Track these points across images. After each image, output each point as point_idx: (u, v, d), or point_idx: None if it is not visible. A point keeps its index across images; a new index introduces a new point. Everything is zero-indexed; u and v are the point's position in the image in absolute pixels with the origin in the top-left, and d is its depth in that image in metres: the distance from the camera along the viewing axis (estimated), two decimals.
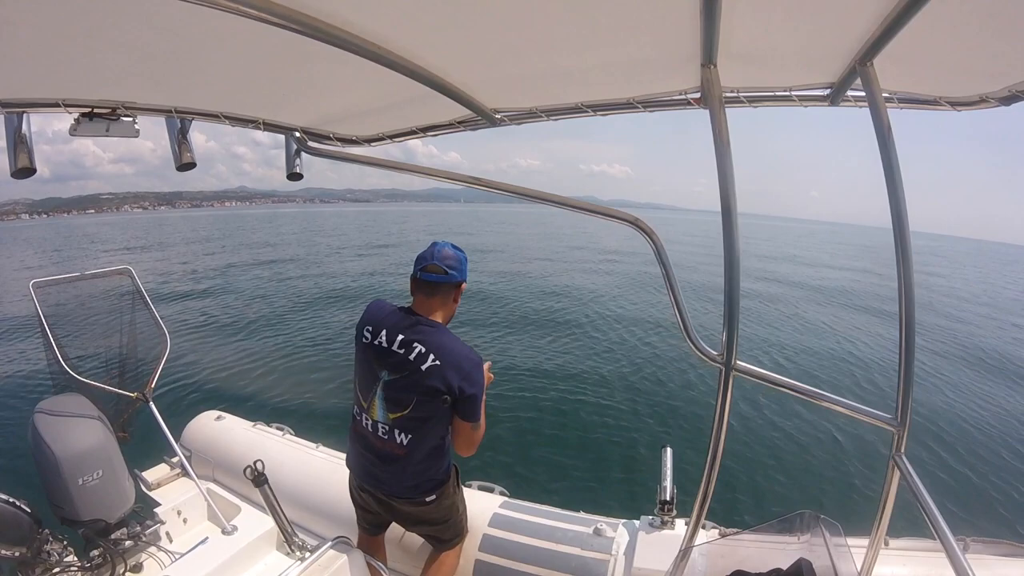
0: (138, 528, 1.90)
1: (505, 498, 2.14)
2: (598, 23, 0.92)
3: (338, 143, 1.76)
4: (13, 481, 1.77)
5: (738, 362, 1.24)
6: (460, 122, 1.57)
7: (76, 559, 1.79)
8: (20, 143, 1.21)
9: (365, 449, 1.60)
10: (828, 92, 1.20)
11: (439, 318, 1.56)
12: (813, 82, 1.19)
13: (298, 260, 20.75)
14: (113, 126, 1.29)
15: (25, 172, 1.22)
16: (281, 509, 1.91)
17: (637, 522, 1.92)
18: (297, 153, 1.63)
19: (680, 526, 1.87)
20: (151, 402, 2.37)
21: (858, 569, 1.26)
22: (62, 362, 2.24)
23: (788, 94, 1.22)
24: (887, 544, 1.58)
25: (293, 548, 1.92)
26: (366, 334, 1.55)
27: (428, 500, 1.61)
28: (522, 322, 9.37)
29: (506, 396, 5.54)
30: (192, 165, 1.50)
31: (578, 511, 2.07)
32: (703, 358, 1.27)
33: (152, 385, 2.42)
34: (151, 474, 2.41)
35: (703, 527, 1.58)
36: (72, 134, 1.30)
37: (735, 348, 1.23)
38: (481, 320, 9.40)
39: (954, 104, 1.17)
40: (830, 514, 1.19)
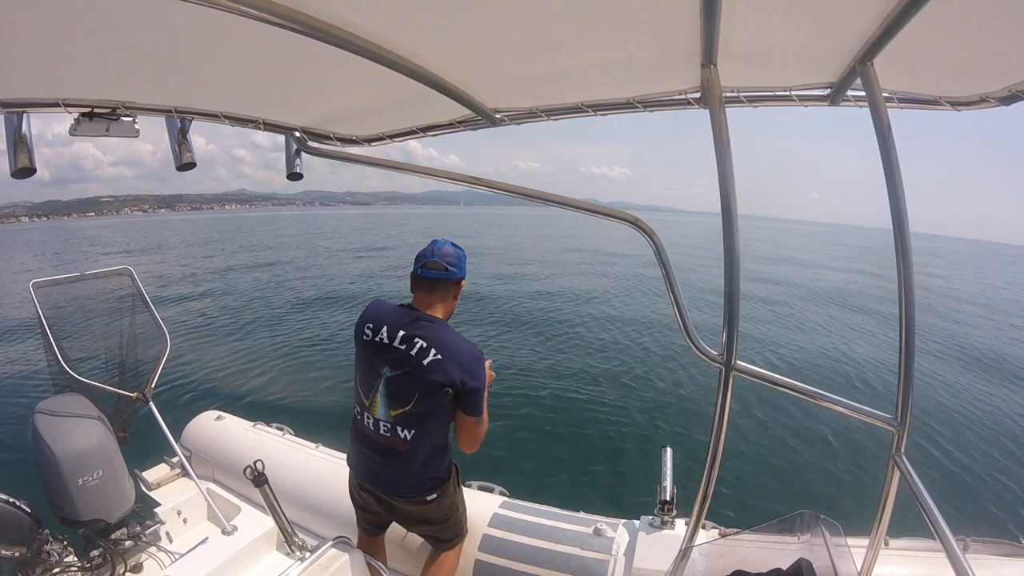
0: (138, 528, 1.90)
1: (505, 498, 2.14)
2: (598, 23, 0.92)
3: (338, 143, 1.76)
4: (13, 481, 1.77)
5: (738, 362, 1.24)
6: (460, 122, 1.57)
7: (76, 559, 1.79)
8: (20, 143, 1.21)
9: (366, 448, 1.59)
10: (828, 92, 1.20)
11: (439, 314, 1.57)
12: (813, 82, 1.19)
13: (298, 262, 20.76)
14: (113, 126, 1.29)
15: (25, 172, 1.22)
16: (281, 509, 1.91)
17: (637, 522, 1.92)
18: (297, 153, 1.63)
19: (680, 526, 1.87)
20: (151, 402, 2.37)
21: (858, 569, 1.26)
22: (62, 362, 2.24)
23: (788, 94, 1.22)
24: (887, 544, 1.58)
25: (293, 548, 1.92)
26: (367, 332, 1.55)
27: (429, 499, 1.61)
28: (522, 323, 9.37)
29: (506, 396, 5.54)
30: (192, 165, 1.50)
31: (578, 511, 2.06)
32: (703, 358, 1.28)
33: (152, 385, 2.42)
34: (151, 474, 2.41)
35: (703, 527, 1.58)
36: (72, 134, 1.30)
37: (735, 348, 1.23)
38: (481, 320, 9.40)
39: (954, 104, 1.17)
40: (830, 514, 1.19)
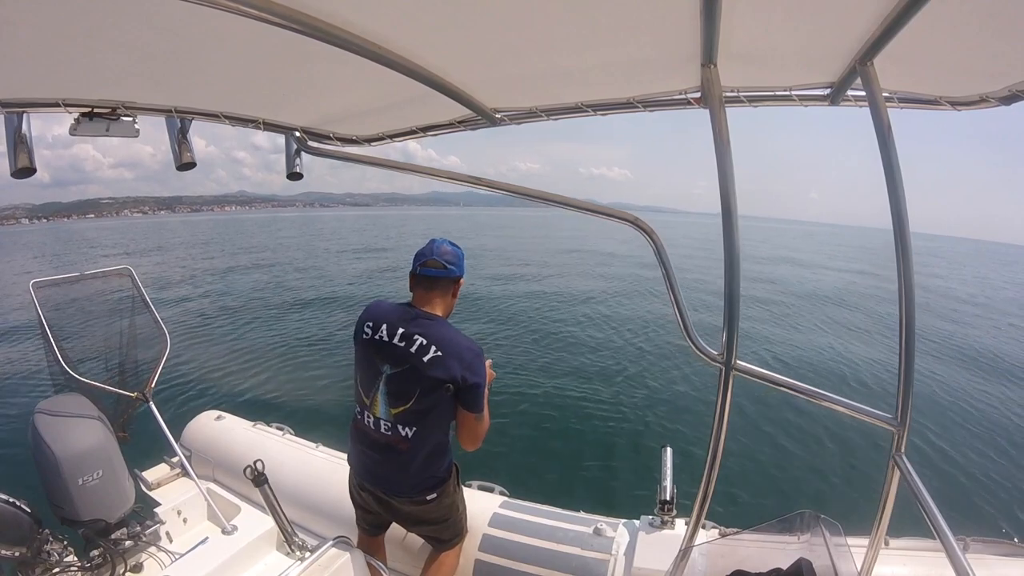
0: (138, 528, 1.90)
1: (505, 498, 2.14)
2: (598, 23, 0.92)
3: (338, 143, 1.76)
4: (13, 481, 1.77)
5: (738, 362, 1.24)
6: (460, 122, 1.57)
7: (76, 559, 1.79)
8: (20, 143, 1.21)
9: (367, 447, 1.59)
10: (828, 92, 1.20)
11: (439, 312, 1.57)
12: (813, 82, 1.19)
13: (297, 263, 20.76)
14: (113, 126, 1.29)
15: (25, 172, 1.22)
16: (281, 509, 1.91)
17: (637, 522, 1.92)
18: (297, 153, 1.63)
19: (680, 526, 1.86)
20: (151, 402, 2.37)
21: (858, 569, 1.26)
22: (62, 362, 2.24)
23: (788, 94, 1.22)
24: (887, 544, 1.57)
25: (293, 548, 1.92)
26: (366, 330, 1.56)
27: (429, 499, 1.61)
28: (521, 323, 9.37)
29: (505, 396, 5.54)
30: (192, 165, 1.50)
31: (578, 511, 2.06)
32: (703, 358, 1.28)
33: (152, 385, 2.41)
34: (151, 474, 2.41)
35: (703, 527, 1.58)
36: (72, 134, 1.30)
37: (735, 348, 1.23)
38: (481, 320, 9.40)
39: (954, 104, 1.17)
40: (830, 514, 1.19)
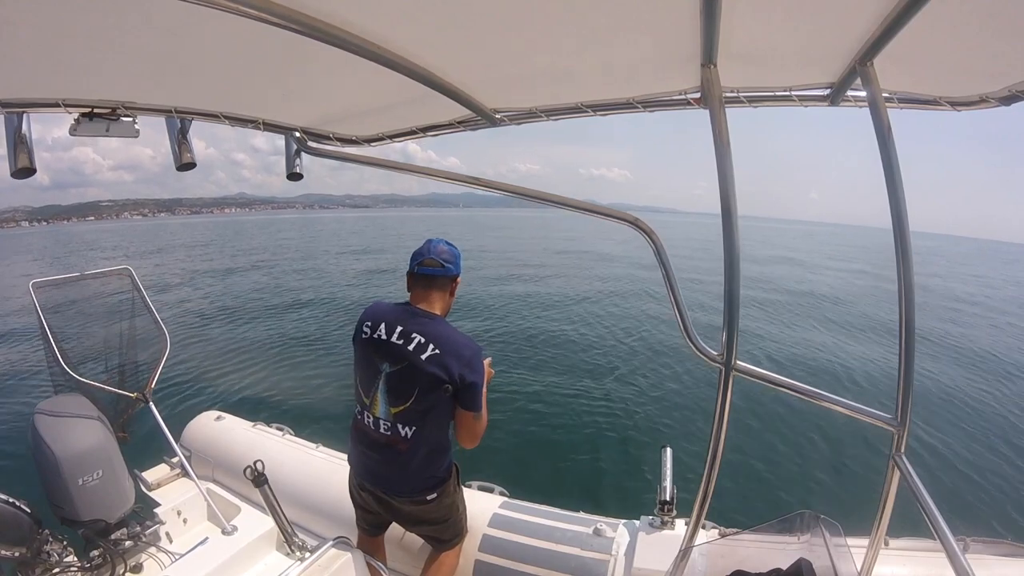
0: (138, 528, 1.90)
1: (505, 498, 2.14)
2: (598, 23, 0.92)
3: (338, 143, 1.76)
4: (13, 481, 1.77)
5: (738, 362, 1.24)
6: (460, 122, 1.57)
7: (76, 559, 1.79)
8: (20, 143, 1.21)
9: (367, 447, 1.60)
10: (828, 92, 1.19)
11: (437, 311, 1.58)
12: (813, 82, 1.19)
13: (297, 264, 20.76)
14: (113, 126, 1.29)
15: (25, 172, 1.22)
16: (281, 509, 1.91)
17: (637, 522, 1.92)
18: (297, 153, 1.63)
19: (680, 526, 1.86)
20: (151, 402, 2.37)
21: (858, 569, 1.26)
22: (62, 362, 2.24)
23: (788, 94, 1.22)
24: (887, 544, 1.57)
25: (293, 548, 1.92)
26: (365, 330, 1.56)
27: (429, 498, 1.61)
28: (520, 323, 9.36)
29: (505, 396, 5.54)
30: (192, 165, 1.50)
31: (578, 511, 2.06)
32: (703, 358, 1.27)
33: (152, 385, 2.41)
34: (151, 474, 2.41)
35: (703, 527, 1.58)
36: (72, 134, 1.30)
37: (735, 348, 1.23)
38: (480, 320, 9.40)
39: (954, 104, 1.17)
40: (830, 514, 1.19)
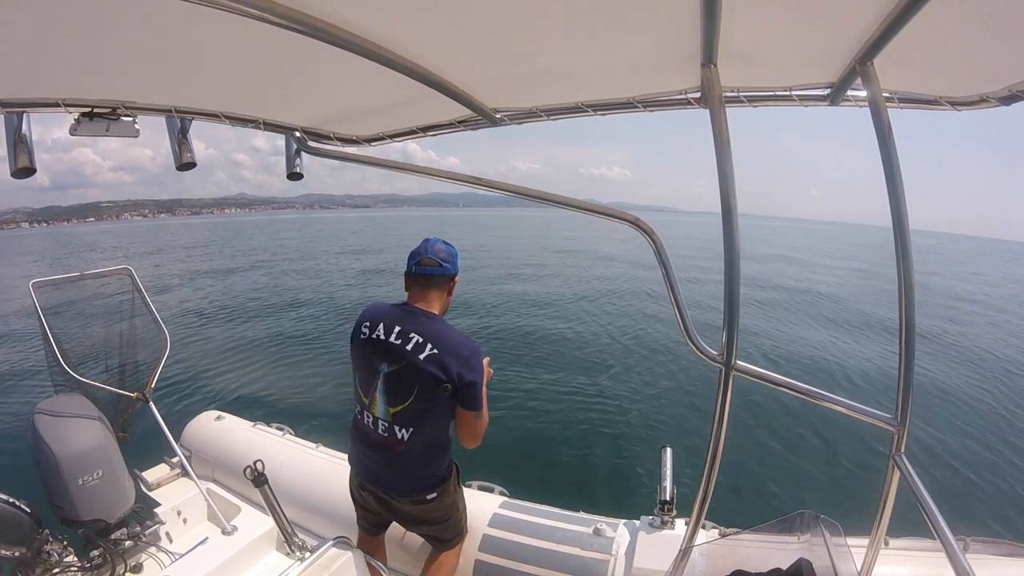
0: (138, 528, 1.90)
1: (505, 498, 2.14)
2: (598, 23, 0.92)
3: (338, 143, 1.76)
4: (13, 481, 1.77)
5: (738, 362, 1.24)
6: (460, 122, 1.57)
7: (76, 559, 1.79)
8: (20, 143, 1.21)
9: (367, 447, 1.60)
10: (828, 92, 1.19)
11: (435, 310, 1.58)
12: (813, 82, 1.19)
13: (297, 264, 20.76)
14: (113, 126, 1.29)
15: (25, 172, 1.22)
16: (281, 509, 1.91)
17: (637, 522, 1.92)
18: (297, 153, 1.63)
19: (680, 526, 1.86)
20: (151, 402, 2.37)
21: (858, 569, 1.26)
22: (62, 362, 2.24)
23: (788, 94, 1.22)
24: (887, 544, 1.57)
25: (293, 548, 1.92)
26: (364, 330, 1.56)
27: (429, 498, 1.61)
28: (520, 323, 9.36)
29: (505, 396, 5.54)
30: (192, 165, 1.50)
31: (578, 511, 2.06)
32: (703, 358, 1.27)
33: (152, 385, 2.41)
34: (151, 474, 2.41)
35: (703, 527, 1.57)
36: (72, 134, 1.30)
37: (735, 348, 1.23)
38: (480, 320, 9.40)
39: (954, 104, 1.17)
40: (830, 514, 1.19)
